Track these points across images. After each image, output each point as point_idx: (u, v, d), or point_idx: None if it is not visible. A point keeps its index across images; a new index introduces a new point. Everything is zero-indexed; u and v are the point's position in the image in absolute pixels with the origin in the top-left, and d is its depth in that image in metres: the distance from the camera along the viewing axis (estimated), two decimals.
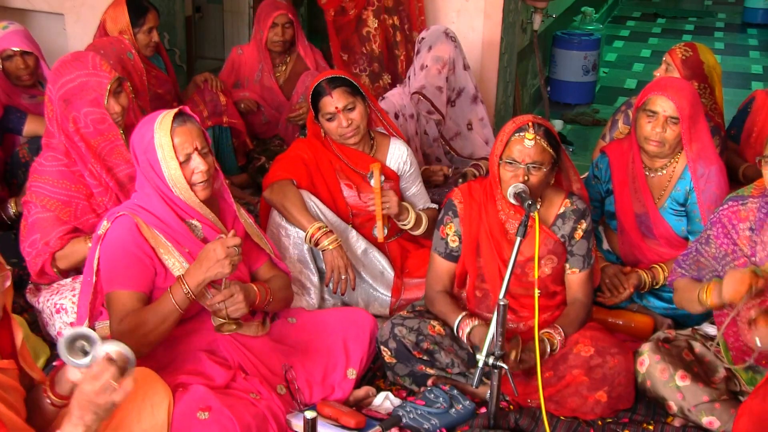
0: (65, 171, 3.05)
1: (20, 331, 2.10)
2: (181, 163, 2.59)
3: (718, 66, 3.90)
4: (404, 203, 3.47)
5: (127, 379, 1.88)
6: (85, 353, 1.91)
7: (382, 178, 3.37)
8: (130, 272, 2.59)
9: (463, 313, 2.92)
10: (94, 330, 2.68)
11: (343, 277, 3.29)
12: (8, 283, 1.99)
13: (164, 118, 2.61)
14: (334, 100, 3.35)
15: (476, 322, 2.88)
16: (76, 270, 3.12)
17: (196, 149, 2.62)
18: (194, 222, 2.70)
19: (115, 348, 1.90)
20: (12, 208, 3.52)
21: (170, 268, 2.61)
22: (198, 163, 2.62)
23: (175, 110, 2.64)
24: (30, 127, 3.74)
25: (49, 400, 2.05)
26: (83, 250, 3.02)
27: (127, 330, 2.53)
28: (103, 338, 1.95)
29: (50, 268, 3.05)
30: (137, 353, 2.46)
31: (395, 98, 4.10)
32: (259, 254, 2.91)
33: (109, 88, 3.01)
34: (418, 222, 3.49)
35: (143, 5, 4.20)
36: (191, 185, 2.63)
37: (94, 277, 2.65)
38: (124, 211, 2.64)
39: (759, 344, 2.55)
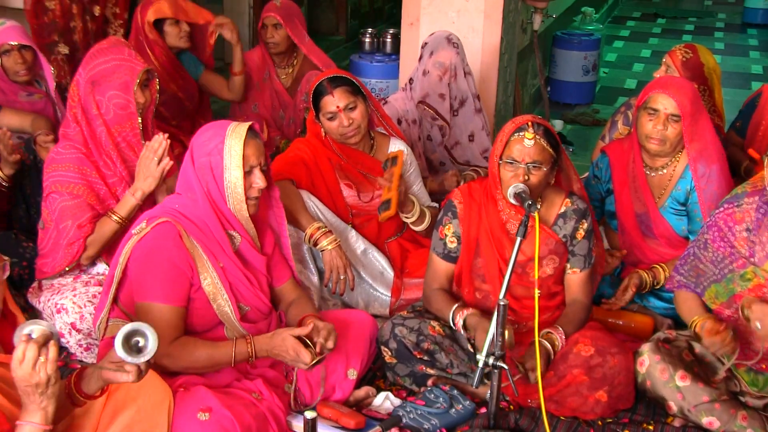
0: (84, 158, 3.06)
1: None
2: (244, 174, 2.60)
3: (718, 68, 3.90)
4: (410, 195, 3.46)
5: (53, 349, 1.90)
6: (140, 350, 1.99)
7: (403, 168, 3.36)
8: (173, 285, 2.58)
9: (456, 305, 2.93)
10: (107, 327, 2.71)
11: (342, 277, 3.29)
12: (6, 273, 1.99)
13: (238, 127, 2.62)
14: (336, 99, 3.35)
15: (470, 311, 2.88)
16: (98, 254, 3.13)
17: (260, 164, 2.64)
18: (234, 233, 2.70)
19: (31, 327, 1.92)
20: None
21: (201, 282, 2.61)
22: (258, 179, 2.63)
23: (249, 123, 2.66)
24: (4, 120, 3.68)
25: (70, 398, 2.07)
26: (111, 226, 3.04)
27: (175, 355, 2.55)
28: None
29: (77, 257, 3.05)
30: (166, 371, 2.53)
31: (398, 103, 4.09)
32: (284, 270, 2.91)
33: (139, 77, 3.04)
34: (421, 217, 3.48)
35: None
36: (246, 198, 2.63)
37: (121, 273, 2.65)
38: (166, 217, 2.61)
39: (759, 327, 2.57)
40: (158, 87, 3.20)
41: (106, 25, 4.54)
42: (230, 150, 2.59)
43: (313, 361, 2.54)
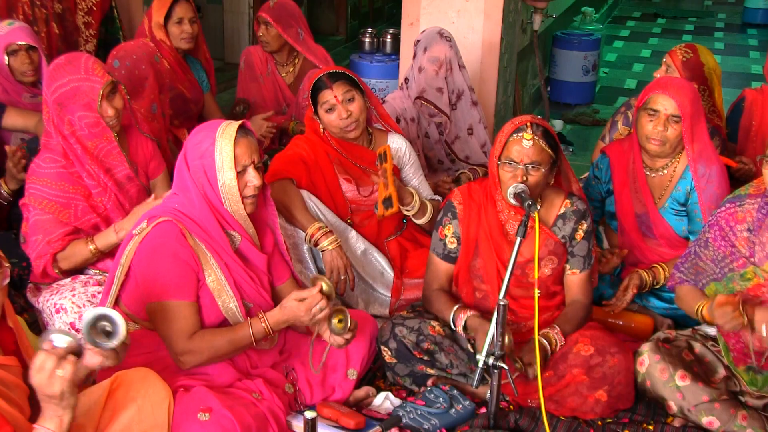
0: (63, 172, 3.04)
1: (22, 325, 2.12)
2: (237, 174, 2.60)
3: (718, 68, 3.90)
4: (409, 188, 3.45)
5: (67, 365, 1.88)
6: (108, 334, 1.98)
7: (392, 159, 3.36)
8: (184, 280, 2.58)
9: (456, 306, 2.93)
10: None
11: (342, 277, 3.29)
12: (6, 280, 1.99)
13: (228, 128, 2.61)
14: (334, 92, 3.35)
15: (471, 313, 2.88)
16: (77, 270, 3.12)
17: (253, 163, 2.63)
18: (233, 233, 2.70)
19: (58, 336, 1.91)
20: (3, 189, 3.50)
21: (206, 278, 2.61)
22: (253, 177, 2.62)
23: (239, 122, 2.64)
24: (9, 120, 3.69)
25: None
26: (84, 253, 3.03)
27: (197, 349, 2.56)
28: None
29: (51, 269, 3.04)
30: (191, 367, 2.57)
31: (396, 102, 4.10)
32: (284, 269, 2.91)
33: (101, 92, 2.99)
34: (422, 209, 3.47)
35: None
36: (242, 198, 2.63)
37: (123, 274, 2.65)
38: (167, 216, 2.61)
39: (765, 333, 2.55)
40: (125, 89, 3.17)
41: (77, 33, 4.54)
42: (221, 152, 2.58)
43: (330, 292, 2.61)
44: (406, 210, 3.44)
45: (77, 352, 1.92)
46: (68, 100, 2.98)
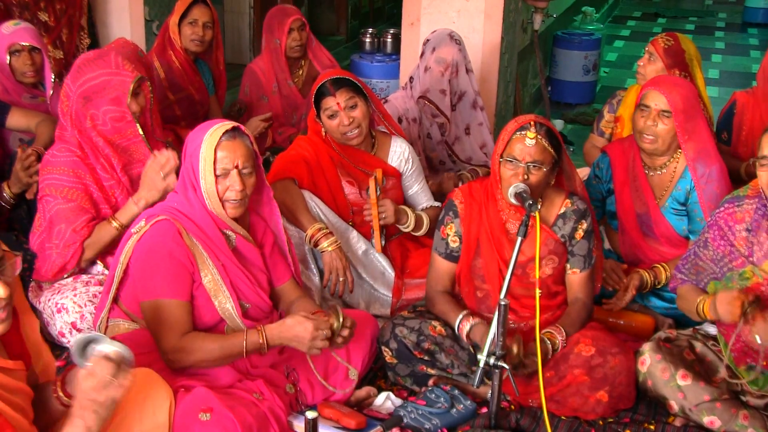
0: (79, 162, 3.06)
1: (36, 323, 2.15)
2: (217, 177, 2.59)
3: (698, 55, 3.97)
4: (402, 207, 3.47)
5: (125, 375, 1.92)
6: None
7: (378, 190, 3.37)
8: (178, 280, 2.58)
9: (464, 312, 2.93)
10: (107, 327, 2.74)
11: (341, 278, 3.30)
12: (18, 270, 1.99)
13: (216, 130, 2.61)
14: (337, 99, 3.35)
15: (476, 321, 2.88)
16: (94, 259, 3.14)
17: (237, 167, 2.61)
18: (229, 232, 2.70)
19: (113, 348, 1.94)
20: (6, 192, 3.50)
21: (202, 279, 2.61)
22: (234, 182, 2.61)
23: (230, 124, 2.64)
24: (13, 119, 3.71)
25: (59, 400, 2.07)
26: (110, 232, 3.04)
27: (188, 348, 2.55)
28: (104, 337, 2.00)
29: (79, 259, 3.04)
30: (179, 367, 2.55)
31: (398, 102, 4.10)
32: (285, 270, 2.91)
33: (131, 87, 3.02)
34: (418, 224, 3.49)
35: None
36: (223, 201, 2.63)
37: (122, 273, 2.66)
38: (165, 215, 2.62)
39: (759, 341, 2.56)
40: (151, 88, 3.18)
41: (80, 39, 4.57)
42: (203, 155, 2.59)
43: (336, 328, 2.58)
44: (404, 228, 3.47)
45: (127, 361, 1.95)
46: (96, 94, 3.00)
